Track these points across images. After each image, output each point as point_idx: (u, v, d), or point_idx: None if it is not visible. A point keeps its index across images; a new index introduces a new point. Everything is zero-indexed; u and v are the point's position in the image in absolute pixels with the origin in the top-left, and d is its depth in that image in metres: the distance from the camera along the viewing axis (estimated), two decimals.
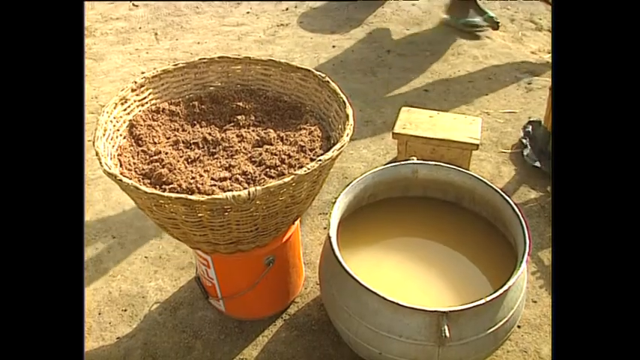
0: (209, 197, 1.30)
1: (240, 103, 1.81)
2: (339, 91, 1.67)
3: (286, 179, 1.33)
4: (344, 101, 1.61)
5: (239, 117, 1.77)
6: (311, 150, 1.58)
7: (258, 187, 1.30)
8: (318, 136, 1.63)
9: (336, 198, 1.68)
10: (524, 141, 2.60)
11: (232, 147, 1.65)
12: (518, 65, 3.26)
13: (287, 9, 3.96)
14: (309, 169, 1.35)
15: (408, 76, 3.12)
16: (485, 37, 3.51)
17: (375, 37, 3.52)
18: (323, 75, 1.75)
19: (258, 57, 1.88)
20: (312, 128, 1.66)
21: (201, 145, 1.68)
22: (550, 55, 3.30)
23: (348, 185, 1.72)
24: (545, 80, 3.09)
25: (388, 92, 3.00)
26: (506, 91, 3.02)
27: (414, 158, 1.86)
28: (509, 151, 2.62)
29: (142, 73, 3.25)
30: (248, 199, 1.30)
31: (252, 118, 1.77)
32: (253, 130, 1.72)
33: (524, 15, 3.81)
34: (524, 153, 2.54)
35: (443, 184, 1.85)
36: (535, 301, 1.94)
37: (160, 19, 3.95)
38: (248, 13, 3.96)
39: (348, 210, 1.77)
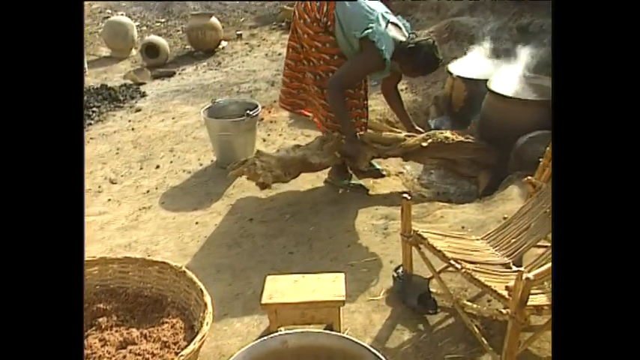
0: None
1: (101, 305, 1.82)
2: (195, 279, 1.72)
3: None
4: (201, 289, 1.66)
5: (100, 319, 1.77)
6: (175, 344, 1.60)
7: None
8: (181, 328, 1.66)
9: None
10: (396, 284, 2.72)
11: (95, 353, 1.63)
12: (373, 212, 3.47)
13: (148, 191, 4.02)
14: None
15: (271, 242, 3.24)
16: (340, 192, 3.74)
17: (236, 208, 3.64)
18: (179, 265, 1.81)
19: (114, 256, 1.92)
20: (175, 320, 1.69)
21: None
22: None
23: None
24: (400, 223, 3.30)
25: (255, 261, 3.08)
26: (365, 239, 3.20)
27: (282, 329, 1.91)
28: (378, 297, 2.73)
29: None
30: None
31: (115, 318, 1.77)
32: (116, 331, 1.72)
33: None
34: (398, 294, 2.67)
35: (314, 349, 1.90)
36: None
37: None
38: (109, 200, 3.99)
39: None
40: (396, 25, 3.50)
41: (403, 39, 3.45)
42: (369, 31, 3.33)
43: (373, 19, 3.38)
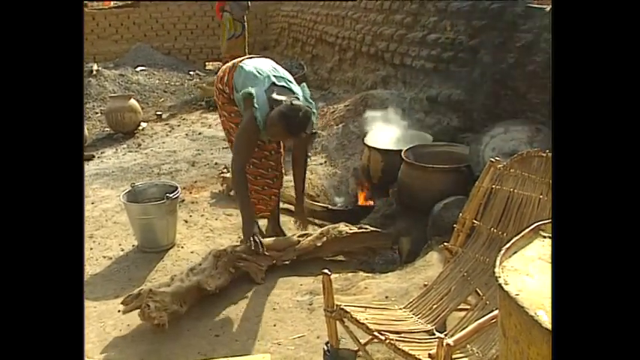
0: None
1: None
2: None
3: None
4: None
5: None
6: None
7: None
8: None
9: None
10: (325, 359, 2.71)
11: None
12: (298, 288, 3.48)
13: None
14: None
15: (197, 325, 3.17)
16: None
17: None
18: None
19: None
20: None
21: None
22: None
23: None
24: None
25: (180, 347, 3.00)
26: (291, 316, 3.19)
27: None
28: None
29: None
30: None
31: None
32: None
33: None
34: None
35: None
36: None
37: None
38: None
39: None
40: (286, 88, 3.53)
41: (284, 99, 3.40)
42: (249, 89, 3.39)
43: (259, 80, 3.46)
